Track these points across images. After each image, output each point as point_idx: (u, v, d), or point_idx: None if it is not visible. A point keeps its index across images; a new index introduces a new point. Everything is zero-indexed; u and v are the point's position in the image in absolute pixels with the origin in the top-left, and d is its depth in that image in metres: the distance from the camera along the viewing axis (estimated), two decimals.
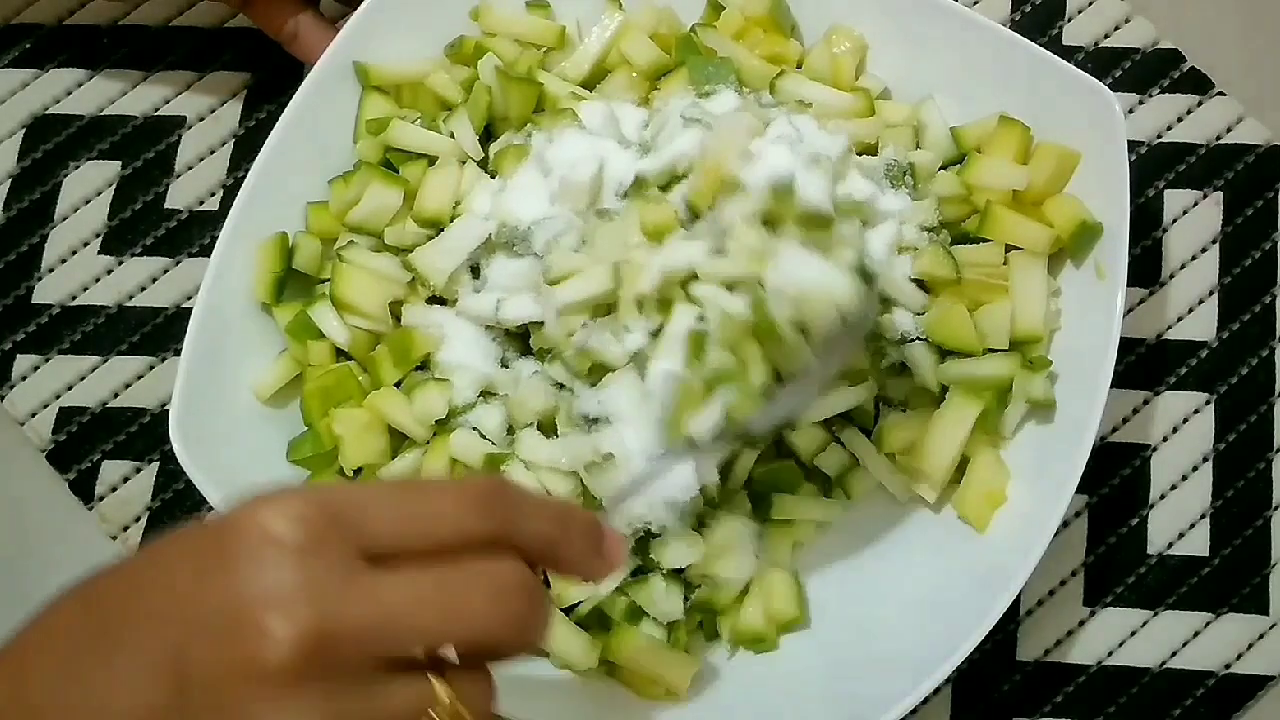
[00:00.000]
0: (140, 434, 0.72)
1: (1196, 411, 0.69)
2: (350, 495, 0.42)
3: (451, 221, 0.66)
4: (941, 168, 0.68)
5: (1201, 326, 0.70)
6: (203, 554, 0.41)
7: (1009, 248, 0.66)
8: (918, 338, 0.64)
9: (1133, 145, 0.70)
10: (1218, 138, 0.73)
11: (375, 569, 0.41)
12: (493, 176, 0.68)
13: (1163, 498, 0.68)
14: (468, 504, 0.42)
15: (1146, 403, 0.69)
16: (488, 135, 0.70)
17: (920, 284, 0.66)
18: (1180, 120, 0.74)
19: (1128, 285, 0.62)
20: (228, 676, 0.39)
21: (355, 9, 0.69)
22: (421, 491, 0.43)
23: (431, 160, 0.68)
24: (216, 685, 0.39)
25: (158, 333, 0.73)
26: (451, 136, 0.69)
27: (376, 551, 0.41)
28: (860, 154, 0.67)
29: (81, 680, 0.40)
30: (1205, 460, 0.68)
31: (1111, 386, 0.61)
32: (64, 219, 0.76)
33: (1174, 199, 0.73)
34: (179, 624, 0.40)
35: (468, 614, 0.41)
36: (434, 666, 0.41)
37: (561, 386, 0.63)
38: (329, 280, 0.67)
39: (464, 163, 0.68)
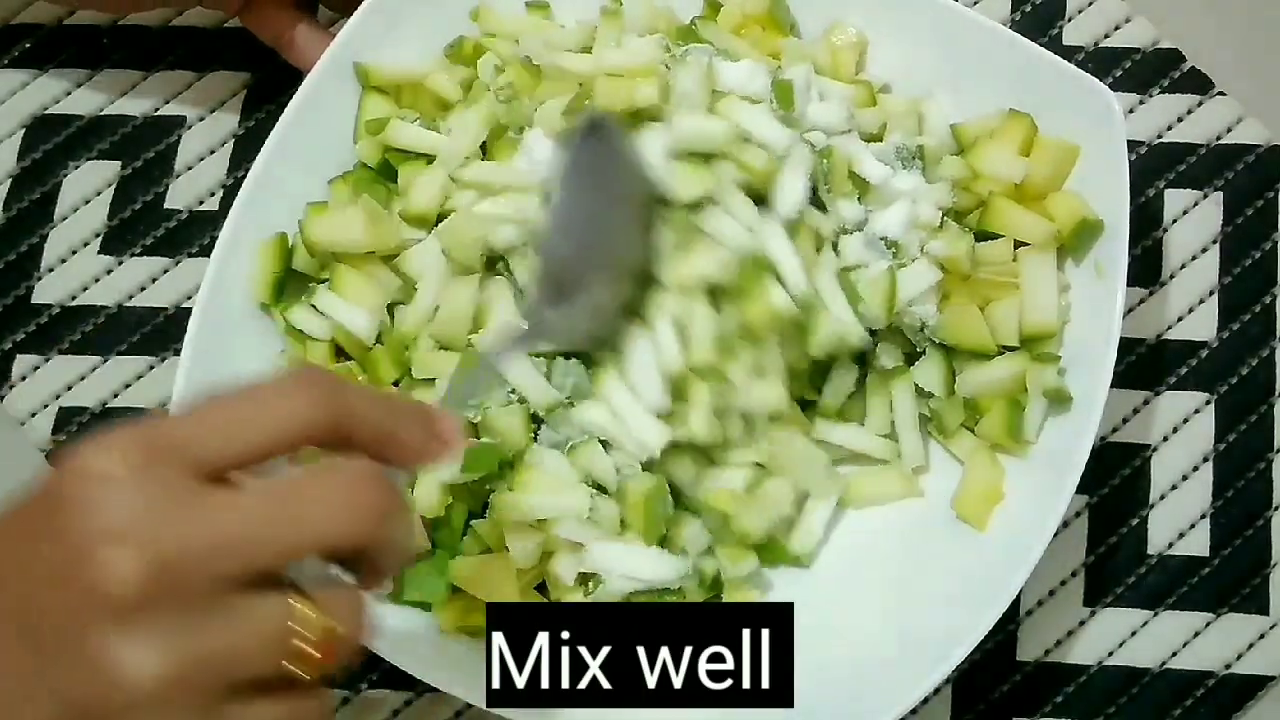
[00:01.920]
0: None
1: (1196, 411, 0.69)
2: (175, 419, 0.41)
3: (439, 221, 0.66)
4: None
5: (1201, 326, 0.70)
6: (36, 509, 0.40)
7: (1017, 245, 0.66)
8: (928, 329, 0.64)
9: (1133, 145, 0.70)
10: (1218, 138, 0.73)
11: (215, 487, 0.40)
12: None
13: (1163, 498, 0.68)
14: (296, 399, 0.41)
15: (1146, 403, 0.69)
16: None
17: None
18: (1180, 120, 0.74)
19: (1128, 285, 0.62)
20: (75, 616, 0.38)
21: (348, 16, 0.69)
22: (248, 398, 0.42)
23: (430, 160, 0.68)
24: (66, 627, 0.38)
25: (158, 333, 0.73)
26: None
27: (215, 469, 0.40)
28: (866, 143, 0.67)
29: None
30: (1205, 460, 0.68)
31: (1111, 386, 0.61)
32: (64, 219, 0.76)
33: (1174, 199, 0.73)
34: (21, 580, 0.39)
35: (317, 516, 0.40)
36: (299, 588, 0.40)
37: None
38: (328, 280, 0.67)
39: None
